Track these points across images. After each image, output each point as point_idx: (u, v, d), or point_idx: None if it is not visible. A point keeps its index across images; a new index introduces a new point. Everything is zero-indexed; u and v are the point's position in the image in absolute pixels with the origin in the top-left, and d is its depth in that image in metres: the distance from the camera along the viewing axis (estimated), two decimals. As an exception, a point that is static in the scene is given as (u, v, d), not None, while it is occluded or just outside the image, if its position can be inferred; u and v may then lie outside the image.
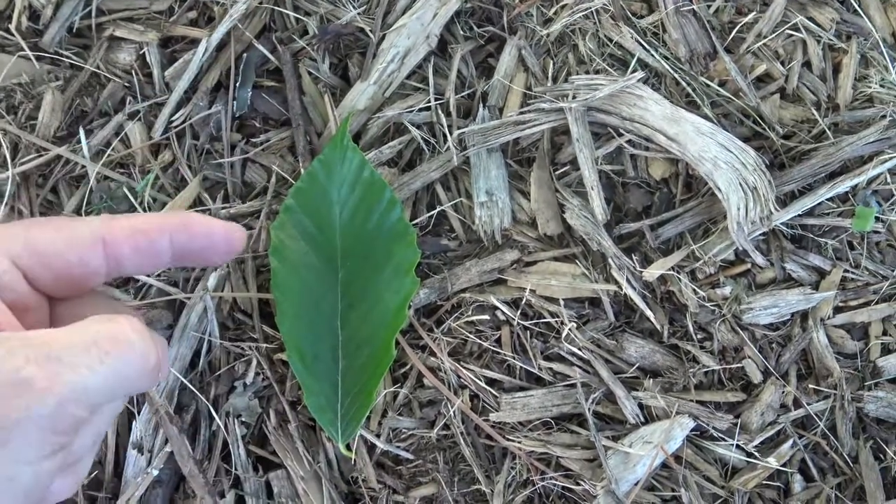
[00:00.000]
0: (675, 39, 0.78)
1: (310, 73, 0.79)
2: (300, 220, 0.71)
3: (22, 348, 0.30)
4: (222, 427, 0.74)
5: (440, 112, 0.77)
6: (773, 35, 0.79)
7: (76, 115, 0.79)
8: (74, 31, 0.80)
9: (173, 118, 0.78)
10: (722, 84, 0.78)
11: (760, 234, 0.76)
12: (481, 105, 0.77)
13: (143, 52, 0.79)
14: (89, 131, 0.78)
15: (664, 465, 0.75)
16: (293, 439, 0.74)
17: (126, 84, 0.79)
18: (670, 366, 0.75)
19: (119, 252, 0.36)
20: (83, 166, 0.77)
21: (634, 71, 0.76)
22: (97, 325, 0.33)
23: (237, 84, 0.78)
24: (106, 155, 0.77)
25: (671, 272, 0.75)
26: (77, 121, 0.79)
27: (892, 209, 0.78)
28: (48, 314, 0.38)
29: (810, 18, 0.80)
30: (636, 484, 0.73)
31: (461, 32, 0.79)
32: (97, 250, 0.36)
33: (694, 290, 0.75)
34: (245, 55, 0.78)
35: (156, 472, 0.73)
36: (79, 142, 0.77)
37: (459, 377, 0.75)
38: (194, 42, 0.78)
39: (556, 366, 0.75)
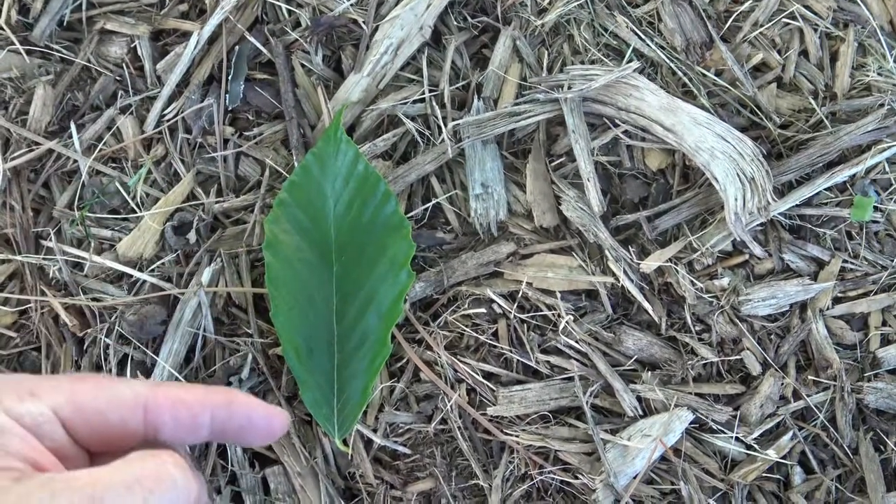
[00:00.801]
0: (671, 29, 0.77)
1: (303, 66, 0.78)
2: (294, 213, 0.70)
3: (66, 491, 0.30)
4: (217, 423, 0.74)
5: (434, 104, 0.77)
6: (770, 24, 0.78)
7: (67, 110, 0.78)
8: (65, 24, 0.79)
9: (165, 112, 0.77)
10: (718, 73, 0.77)
11: (758, 225, 0.75)
12: (476, 96, 0.76)
13: (135, 46, 0.78)
14: (81, 125, 0.77)
15: (663, 458, 0.74)
16: (289, 435, 0.74)
17: (117, 78, 0.78)
18: (668, 358, 0.75)
19: (159, 420, 0.36)
20: (75, 161, 0.76)
21: (630, 61, 0.76)
22: (140, 463, 0.33)
23: (229, 77, 0.77)
24: (98, 149, 0.76)
25: (668, 264, 0.74)
26: (68, 115, 0.78)
27: (891, 198, 0.77)
28: (87, 466, 0.37)
29: (807, 7, 0.79)
30: (635, 477, 0.73)
31: (455, 23, 0.79)
32: (138, 415, 0.36)
33: (692, 281, 0.74)
34: (237, 48, 0.78)
35: (151, 469, 0.72)
36: (70, 136, 0.77)
37: (456, 371, 0.74)
38: (186, 35, 0.78)
39: (554, 359, 0.74)
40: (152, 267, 0.75)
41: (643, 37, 0.77)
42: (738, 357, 0.75)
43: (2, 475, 0.31)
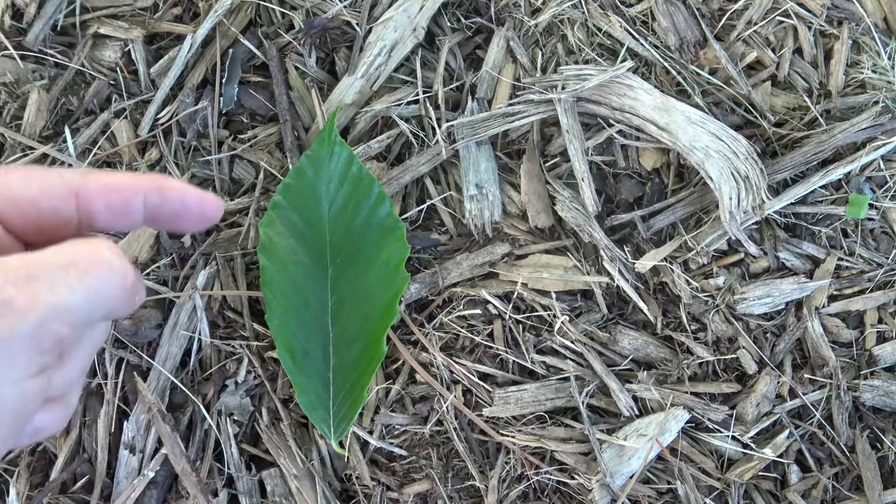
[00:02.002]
0: (665, 28, 0.77)
1: (296, 68, 0.78)
2: (289, 216, 0.70)
3: (0, 272, 0.31)
4: (214, 426, 0.74)
5: (428, 105, 0.77)
6: (764, 22, 0.78)
7: (62, 114, 0.78)
8: (59, 29, 0.79)
9: (160, 115, 0.77)
10: (712, 72, 0.77)
11: (753, 224, 0.75)
12: (470, 97, 0.76)
13: (129, 50, 0.78)
14: (75, 130, 0.78)
15: (659, 458, 0.74)
16: (286, 437, 0.74)
17: (111, 82, 0.78)
18: (664, 357, 0.75)
19: (91, 207, 0.37)
20: (70, 165, 0.77)
21: (624, 60, 0.76)
22: (74, 247, 0.33)
23: (223, 80, 0.77)
24: (92, 153, 0.77)
25: (664, 263, 0.74)
26: (63, 119, 0.78)
27: (886, 196, 0.77)
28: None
29: (801, 4, 0.79)
30: (631, 477, 0.73)
31: (448, 24, 0.79)
32: (70, 202, 0.36)
33: (687, 280, 0.74)
34: (231, 51, 0.78)
35: (151, 474, 0.72)
36: (65, 140, 0.77)
37: (452, 372, 0.74)
38: (179, 38, 0.78)
39: (549, 359, 0.74)
40: (148, 270, 0.75)
41: (637, 36, 0.77)
42: (733, 356, 0.75)
43: None
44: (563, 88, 0.73)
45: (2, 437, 0.31)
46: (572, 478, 0.73)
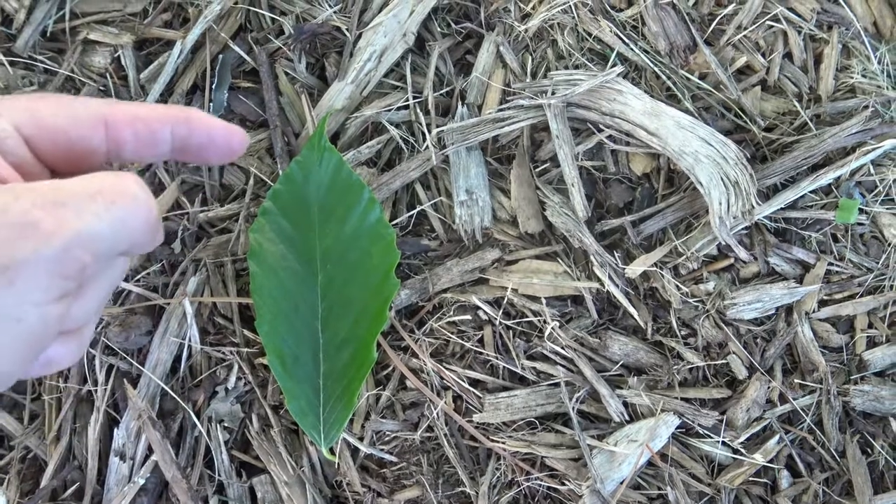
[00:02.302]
0: (655, 33, 0.77)
1: (286, 74, 0.78)
2: (278, 222, 0.70)
3: (28, 194, 0.31)
4: (204, 433, 0.74)
5: (419, 110, 0.77)
6: (754, 26, 0.78)
7: (51, 121, 0.78)
8: (48, 35, 0.79)
9: (149, 121, 0.77)
10: (702, 77, 0.77)
11: (743, 229, 0.75)
12: (460, 103, 0.76)
13: (118, 55, 0.78)
14: (65, 136, 0.77)
15: (650, 464, 0.74)
16: (276, 444, 0.74)
17: (101, 87, 0.78)
18: (654, 363, 0.75)
19: (120, 136, 0.38)
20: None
21: (614, 65, 0.76)
22: (102, 177, 0.34)
23: (213, 86, 0.77)
24: (82, 160, 0.76)
25: (654, 268, 0.74)
26: (52, 126, 0.78)
27: (876, 200, 0.77)
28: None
29: (791, 9, 0.79)
30: (622, 483, 0.73)
31: (438, 29, 0.78)
32: (98, 131, 0.37)
33: (677, 286, 0.74)
34: (221, 56, 0.78)
35: (142, 481, 0.72)
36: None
37: (442, 378, 0.74)
38: (169, 44, 0.78)
39: (540, 365, 0.74)
40: (137, 277, 0.75)
41: (627, 41, 0.77)
42: (724, 361, 0.75)
43: None
44: (553, 94, 0.73)
45: (17, 359, 0.32)
46: (563, 484, 0.73)
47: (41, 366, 0.38)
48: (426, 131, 0.76)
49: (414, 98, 0.77)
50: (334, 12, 0.77)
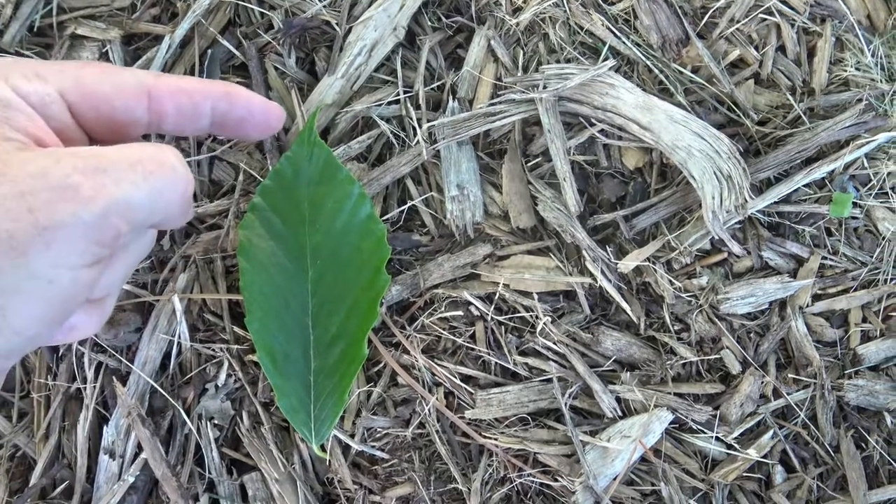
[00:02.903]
0: (647, 26, 0.76)
1: (276, 68, 0.77)
2: (268, 218, 0.69)
3: (69, 158, 0.32)
4: (194, 430, 0.73)
5: (409, 105, 0.76)
6: (747, 19, 0.78)
7: (39, 116, 0.77)
8: (35, 30, 0.78)
9: (138, 117, 0.76)
10: (695, 70, 0.77)
11: (736, 223, 0.75)
12: (451, 97, 0.76)
13: (106, 50, 0.77)
14: (52, 132, 0.77)
15: (643, 459, 0.74)
16: (267, 441, 0.73)
17: (89, 83, 0.77)
18: (647, 358, 0.74)
19: (162, 108, 0.38)
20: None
21: (606, 59, 0.75)
22: (143, 147, 0.34)
23: (202, 81, 0.76)
24: (70, 156, 0.76)
25: (647, 263, 0.74)
26: (40, 122, 0.77)
27: (870, 194, 0.77)
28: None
29: (783, 2, 0.79)
30: (615, 479, 0.72)
31: (429, 23, 0.78)
32: (142, 101, 0.38)
33: (670, 280, 0.74)
34: (210, 51, 0.77)
35: (131, 479, 0.72)
36: (42, 143, 0.76)
37: (434, 374, 0.73)
38: (158, 39, 0.77)
39: (532, 361, 0.74)
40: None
41: (619, 34, 0.76)
42: (717, 356, 0.74)
43: (6, 145, 0.32)
44: (545, 88, 0.73)
45: (45, 321, 0.32)
46: (556, 480, 0.73)
47: (65, 332, 0.38)
48: (417, 126, 0.75)
49: (404, 92, 0.76)
50: (324, 6, 0.76)
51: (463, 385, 0.73)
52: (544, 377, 0.74)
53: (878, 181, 0.76)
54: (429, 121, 0.75)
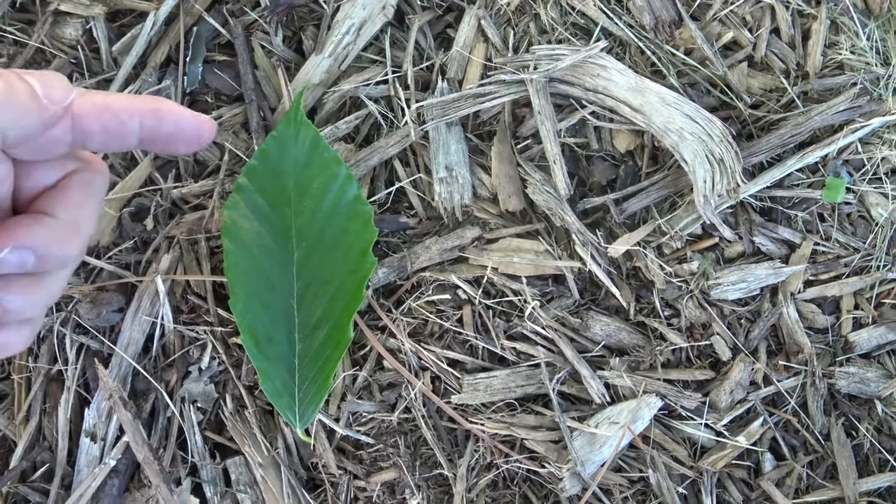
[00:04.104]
0: (640, 7, 0.75)
1: (262, 47, 0.76)
2: (253, 199, 0.68)
3: None
4: (177, 413, 0.72)
5: (398, 85, 0.75)
6: (741, 1, 0.76)
7: (21, 94, 0.76)
8: (18, 5, 0.77)
9: (122, 95, 0.75)
10: (688, 53, 0.76)
11: (728, 207, 0.74)
12: (440, 77, 0.75)
13: (90, 27, 0.76)
14: (35, 110, 0.75)
15: (631, 446, 0.73)
16: (250, 425, 0.72)
17: (72, 60, 0.76)
18: (637, 344, 0.73)
19: (87, 127, 0.36)
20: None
21: (598, 40, 0.74)
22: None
23: (187, 59, 0.75)
24: (52, 134, 0.74)
25: (637, 247, 0.73)
26: (22, 99, 0.76)
27: (864, 179, 0.76)
28: (11, 172, 0.38)
29: (779, -16, 0.78)
30: (603, 465, 0.72)
31: (419, 2, 0.77)
32: (65, 122, 0.35)
33: (660, 265, 0.73)
34: (195, 28, 0.76)
35: (113, 463, 0.71)
36: (24, 121, 0.74)
37: (420, 359, 0.73)
38: (142, 15, 0.76)
39: (520, 345, 0.73)
40: (109, 254, 0.74)
41: (611, 15, 0.75)
42: (707, 342, 0.74)
43: None
44: (536, 69, 0.72)
45: None
46: (543, 466, 0.72)
47: None
48: (405, 106, 0.74)
49: (393, 72, 0.75)
50: (312, -16, 0.75)
51: (450, 369, 0.72)
52: (532, 362, 0.73)
53: (871, 166, 0.75)
54: (417, 101, 0.74)
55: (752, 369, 0.74)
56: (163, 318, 0.73)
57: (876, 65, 0.76)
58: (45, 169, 0.38)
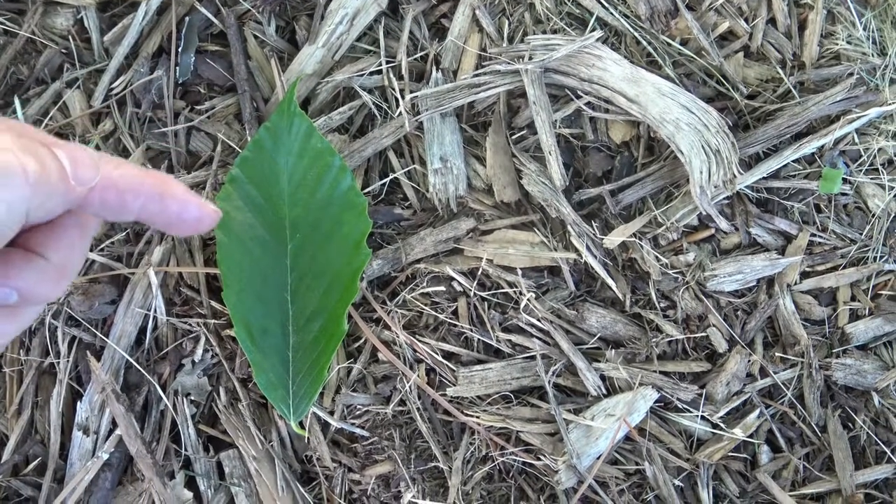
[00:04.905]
0: (636, -3, 0.75)
1: (255, 37, 0.75)
2: (247, 190, 0.68)
3: None
4: (170, 406, 0.72)
5: (392, 76, 0.74)
6: (737, -9, 0.76)
7: (11, 84, 0.75)
8: (8, -5, 0.76)
9: (113, 85, 0.74)
10: (684, 43, 0.75)
11: (724, 198, 0.73)
12: (434, 68, 0.74)
13: (81, 17, 0.75)
14: (25, 100, 0.75)
15: (627, 438, 0.73)
16: (244, 418, 0.72)
17: (63, 50, 0.75)
18: (633, 336, 0.73)
19: (88, 199, 0.35)
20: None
21: (593, 30, 0.73)
22: None
23: (179, 49, 0.74)
24: (43, 125, 0.74)
25: (633, 239, 0.73)
26: (12, 89, 0.75)
27: (860, 170, 0.75)
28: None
29: (775, -27, 0.77)
30: (598, 458, 0.71)
31: (413, -8, 0.76)
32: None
33: (656, 256, 0.73)
34: (187, 18, 0.75)
35: (105, 456, 0.70)
36: (14, 111, 0.74)
37: (415, 351, 0.72)
38: (134, 5, 0.75)
39: (515, 337, 0.72)
40: (101, 246, 0.73)
41: (606, 5, 0.75)
42: (703, 334, 0.73)
43: None
44: (531, 59, 0.71)
45: None
46: (538, 459, 0.71)
47: None
48: (399, 97, 0.73)
49: (387, 63, 0.75)
50: (305, -27, 0.74)
51: (445, 362, 0.72)
52: (528, 354, 0.72)
53: (868, 157, 0.75)
54: (412, 92, 0.73)
55: (749, 361, 0.74)
56: (155, 311, 0.72)
57: (872, 55, 0.75)
58: None
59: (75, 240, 0.37)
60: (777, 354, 0.75)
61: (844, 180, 0.75)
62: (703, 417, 0.73)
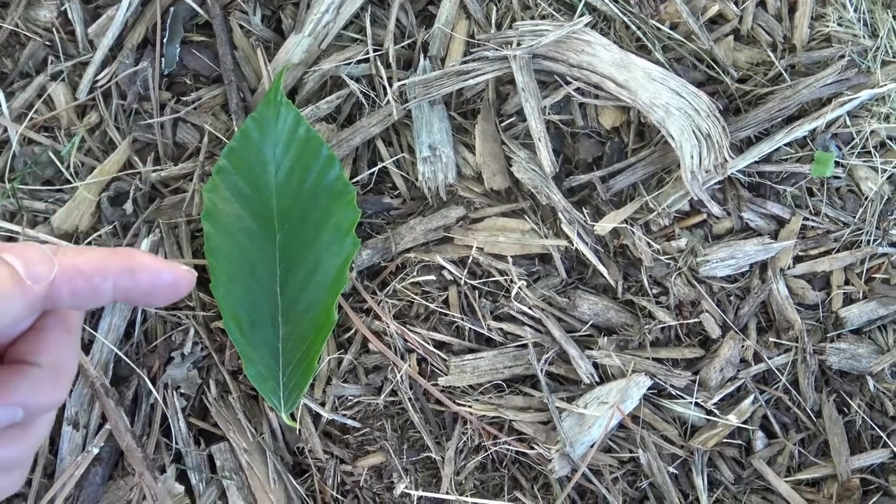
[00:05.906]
0: (624, -19, 0.74)
1: (241, 27, 0.75)
2: (234, 181, 0.67)
3: None
4: (160, 400, 0.71)
5: (379, 64, 0.74)
6: (727, -26, 0.75)
7: (-5, 77, 0.75)
8: (-9, -12, 0.75)
9: (98, 77, 0.74)
10: (673, 27, 0.74)
11: (716, 183, 0.73)
12: (422, 55, 0.73)
13: (65, 9, 0.75)
14: (10, 94, 0.74)
15: (621, 426, 0.73)
16: (235, 410, 0.71)
17: (47, 42, 0.75)
18: (625, 323, 0.73)
19: (56, 293, 0.34)
20: (5, 130, 0.73)
21: (582, 15, 0.73)
22: None
23: (164, 40, 0.74)
24: (28, 118, 0.73)
25: (624, 225, 0.72)
26: (-3, 83, 0.75)
27: (853, 153, 0.75)
28: None
29: (765, -44, 0.76)
30: (592, 446, 0.71)
31: (400, -21, 0.75)
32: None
33: (648, 242, 0.72)
34: (172, 9, 0.74)
35: (95, 451, 0.70)
36: (-1, 105, 0.73)
37: (406, 341, 0.72)
38: (118, -4, 0.74)
39: (507, 326, 0.72)
40: (89, 239, 0.72)
41: (595, -10, 0.74)
42: (696, 320, 0.73)
43: None
44: (519, 45, 0.71)
45: None
46: (531, 447, 0.71)
47: None
48: (387, 85, 0.73)
49: (374, 51, 0.74)
50: (290, -38, 0.74)
51: (436, 351, 0.71)
52: (519, 343, 0.72)
53: (860, 140, 0.74)
54: (399, 80, 0.73)
55: (742, 347, 0.73)
56: (144, 304, 0.71)
57: (864, 37, 0.75)
58: None
59: (62, 339, 0.36)
60: (771, 339, 0.74)
61: (837, 163, 0.74)
62: (696, 404, 0.73)
